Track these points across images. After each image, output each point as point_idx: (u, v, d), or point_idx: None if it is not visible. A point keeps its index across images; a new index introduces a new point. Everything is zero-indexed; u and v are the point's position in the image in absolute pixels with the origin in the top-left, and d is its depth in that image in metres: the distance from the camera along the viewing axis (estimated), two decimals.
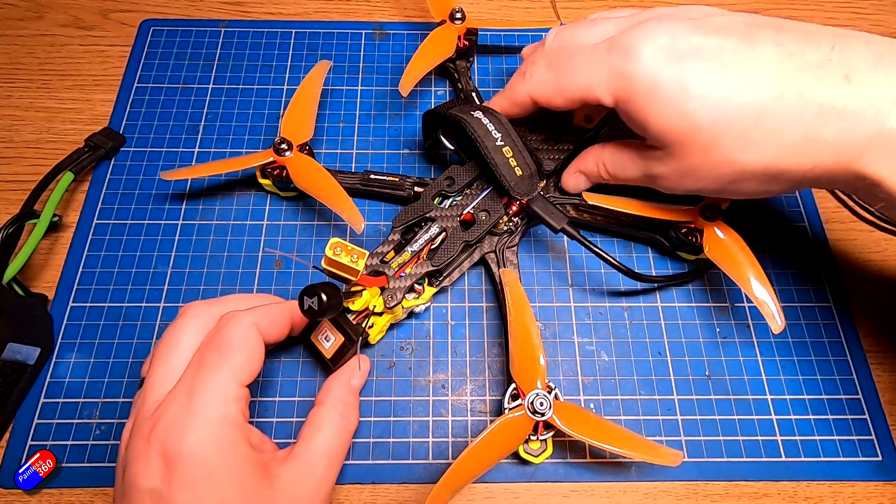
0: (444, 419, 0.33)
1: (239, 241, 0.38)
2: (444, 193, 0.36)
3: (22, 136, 0.42)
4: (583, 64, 0.30)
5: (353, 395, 0.31)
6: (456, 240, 0.34)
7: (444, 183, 0.36)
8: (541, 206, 0.34)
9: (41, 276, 0.37)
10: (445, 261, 0.33)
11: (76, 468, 0.32)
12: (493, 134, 0.34)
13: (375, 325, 0.33)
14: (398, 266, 0.33)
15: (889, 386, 0.35)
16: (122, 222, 0.38)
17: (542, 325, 0.36)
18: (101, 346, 0.35)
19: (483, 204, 0.35)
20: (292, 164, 0.37)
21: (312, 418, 0.29)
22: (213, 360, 0.26)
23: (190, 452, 0.24)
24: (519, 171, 0.34)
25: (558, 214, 0.34)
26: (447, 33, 0.42)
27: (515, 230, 0.36)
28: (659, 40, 0.28)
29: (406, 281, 0.33)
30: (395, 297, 0.32)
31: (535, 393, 0.30)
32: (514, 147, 0.34)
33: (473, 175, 0.36)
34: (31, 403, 0.33)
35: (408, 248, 0.34)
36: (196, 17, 0.47)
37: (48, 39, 0.46)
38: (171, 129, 0.42)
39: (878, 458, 0.33)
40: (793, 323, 0.36)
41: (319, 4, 0.49)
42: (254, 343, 0.27)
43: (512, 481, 0.32)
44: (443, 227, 0.34)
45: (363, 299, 0.31)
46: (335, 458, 0.28)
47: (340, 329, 0.31)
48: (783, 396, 0.34)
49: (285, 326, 0.29)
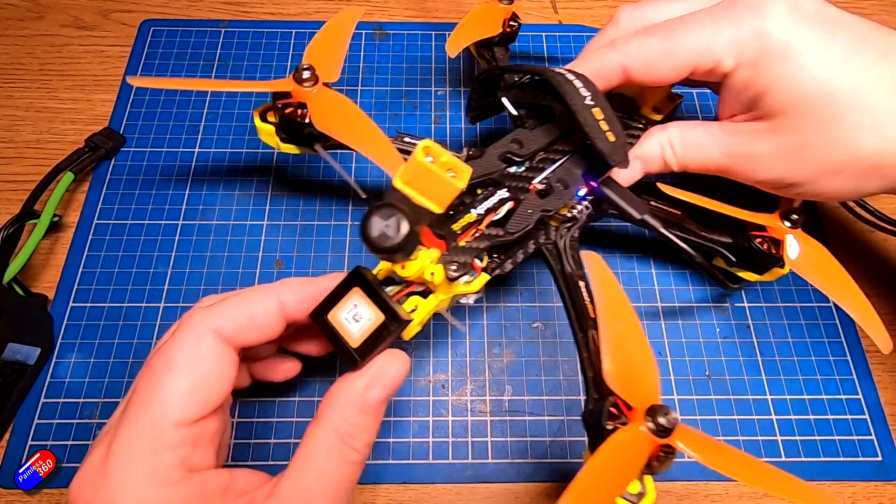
0: (444, 419, 0.33)
1: (239, 241, 0.38)
2: (510, 157, 0.30)
3: (22, 136, 0.42)
4: (697, 24, 0.28)
5: (366, 413, 0.22)
6: (532, 207, 0.29)
7: (511, 145, 0.30)
8: (617, 190, 0.29)
9: (41, 276, 0.37)
10: (520, 229, 0.28)
11: (76, 468, 0.31)
12: (580, 91, 0.28)
13: (419, 309, 0.24)
14: (461, 229, 0.27)
15: (889, 386, 0.35)
16: (122, 222, 0.38)
17: (542, 325, 0.36)
18: (101, 346, 0.35)
19: (560, 174, 0.30)
20: (315, 100, 0.30)
21: (305, 441, 0.22)
22: (143, 393, 0.20)
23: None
24: (611, 136, 0.28)
25: (638, 202, 0.29)
26: (494, 11, 0.37)
27: (579, 218, 0.31)
28: (791, 1, 0.26)
29: (474, 246, 0.26)
30: (462, 266, 0.25)
31: (656, 406, 0.22)
32: (604, 109, 0.29)
33: (546, 141, 0.31)
34: (31, 403, 0.33)
35: (472, 210, 0.28)
36: (196, 17, 0.47)
37: (48, 39, 0.46)
38: (171, 129, 0.42)
39: (878, 459, 0.33)
40: (793, 323, 0.36)
41: (319, 4, 0.49)
42: (206, 359, 0.21)
43: (512, 481, 0.32)
44: (513, 194, 0.29)
45: (417, 263, 0.23)
46: (334, 495, 0.21)
47: (380, 303, 0.22)
48: (783, 396, 0.34)
49: (272, 322, 0.23)
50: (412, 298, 0.24)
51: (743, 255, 0.31)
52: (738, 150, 0.28)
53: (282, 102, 0.30)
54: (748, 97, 0.28)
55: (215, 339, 0.21)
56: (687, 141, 0.30)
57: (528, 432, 0.33)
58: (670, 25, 0.28)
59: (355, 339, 0.22)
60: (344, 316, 0.22)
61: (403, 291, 0.24)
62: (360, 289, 0.22)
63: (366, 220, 0.19)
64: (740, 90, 0.28)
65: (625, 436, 0.22)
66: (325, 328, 0.22)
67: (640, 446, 0.22)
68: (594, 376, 0.26)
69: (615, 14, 0.32)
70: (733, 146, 0.28)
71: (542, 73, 0.29)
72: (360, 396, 0.22)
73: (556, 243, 0.31)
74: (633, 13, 0.31)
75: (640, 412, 0.22)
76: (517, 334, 0.36)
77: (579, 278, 0.29)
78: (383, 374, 0.22)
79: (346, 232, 0.38)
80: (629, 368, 0.23)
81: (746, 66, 0.27)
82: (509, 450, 0.32)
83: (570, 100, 0.28)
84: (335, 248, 0.38)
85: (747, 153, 0.28)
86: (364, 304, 0.22)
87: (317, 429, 0.22)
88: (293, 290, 0.23)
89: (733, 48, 0.27)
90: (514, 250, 0.30)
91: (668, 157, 0.30)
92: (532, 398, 0.34)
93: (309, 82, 0.30)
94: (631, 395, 0.23)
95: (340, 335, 0.22)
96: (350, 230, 0.38)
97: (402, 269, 0.23)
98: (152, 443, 0.19)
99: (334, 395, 0.22)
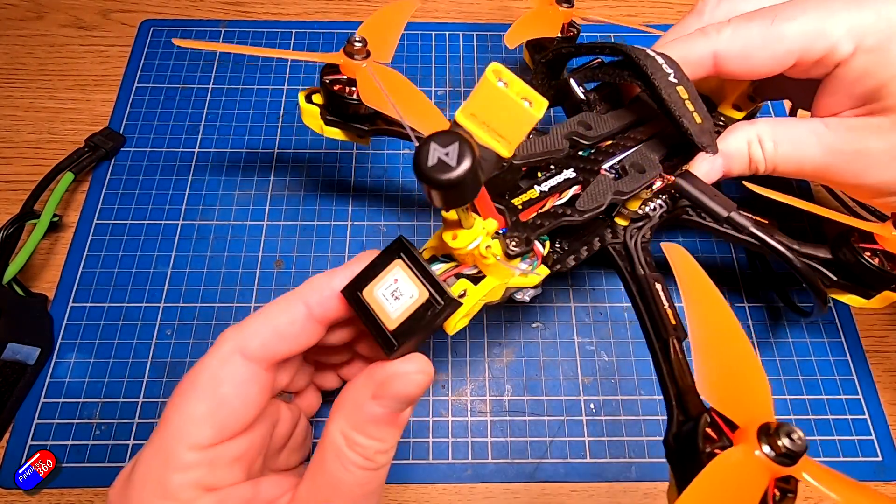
0: (445, 419, 0.33)
1: (239, 241, 0.38)
2: (576, 139, 0.27)
3: (22, 136, 0.42)
4: (807, 7, 0.25)
5: (377, 425, 0.20)
6: (605, 186, 0.25)
7: (578, 126, 0.27)
8: (699, 185, 0.26)
9: (41, 276, 0.37)
10: (591, 209, 0.24)
11: (76, 468, 0.32)
12: (664, 68, 0.26)
13: (468, 295, 0.21)
14: (522, 205, 0.24)
15: (889, 386, 0.35)
16: (122, 222, 0.38)
17: (543, 325, 0.36)
18: (101, 346, 0.35)
19: (635, 158, 0.27)
20: (365, 74, 0.28)
21: (320, 444, 0.21)
22: (166, 413, 0.20)
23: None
24: (698, 119, 0.25)
25: (724, 198, 0.26)
26: (553, 13, 0.35)
27: (652, 217, 0.27)
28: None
29: (538, 223, 0.23)
30: (522, 242, 0.22)
31: (772, 424, 0.17)
32: (689, 90, 0.26)
33: (617, 126, 0.28)
34: (31, 403, 0.33)
35: (536, 186, 0.25)
36: (196, 17, 0.47)
37: (48, 39, 0.46)
38: (171, 129, 0.42)
39: (878, 459, 0.33)
40: (793, 323, 0.36)
41: (319, 4, 0.49)
42: (227, 384, 0.20)
43: (512, 481, 0.32)
44: (580, 176, 0.26)
45: (472, 233, 0.20)
46: (352, 502, 0.20)
47: (426, 278, 0.19)
48: (783, 396, 0.34)
49: (302, 329, 0.21)
50: (461, 281, 0.21)
51: (847, 274, 0.27)
52: (847, 147, 0.25)
53: (329, 78, 0.29)
54: (866, 88, 0.25)
55: (241, 360, 0.20)
56: (781, 137, 0.26)
57: (528, 432, 0.33)
58: (773, 10, 0.26)
59: (393, 319, 0.19)
60: (381, 292, 0.19)
61: (452, 271, 0.21)
62: (402, 261, 0.19)
63: (421, 147, 0.16)
64: (856, 80, 0.25)
65: (732, 460, 0.17)
66: (359, 306, 0.20)
67: (754, 476, 0.16)
68: (679, 393, 0.22)
69: (698, 5, 0.30)
70: (842, 142, 0.25)
71: (621, 48, 0.27)
72: (366, 406, 0.20)
73: (626, 243, 0.27)
74: (719, 2, 0.29)
75: (749, 432, 0.17)
76: (517, 334, 0.36)
77: (655, 280, 0.26)
78: (393, 384, 0.19)
79: (346, 232, 0.38)
80: (731, 379, 0.19)
81: (867, 51, 0.24)
82: (509, 450, 0.32)
83: (652, 74, 0.25)
84: (335, 248, 0.38)
85: (859, 150, 0.25)
86: (406, 279, 0.19)
87: (328, 434, 0.20)
88: (317, 289, 0.21)
89: (852, 31, 0.24)
90: (578, 244, 0.27)
91: (756, 154, 0.27)
92: (532, 398, 0.34)
93: (360, 55, 0.29)
94: (735, 411, 0.18)
95: (376, 314, 0.19)
96: (350, 230, 0.38)
97: (453, 240, 0.20)
98: (165, 464, 0.19)
99: (343, 398, 0.20)
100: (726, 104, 0.31)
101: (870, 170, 0.26)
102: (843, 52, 0.25)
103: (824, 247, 0.28)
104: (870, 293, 0.28)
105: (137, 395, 0.33)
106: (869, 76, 0.25)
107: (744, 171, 0.28)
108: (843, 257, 0.27)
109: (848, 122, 0.26)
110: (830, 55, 0.25)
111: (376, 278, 0.19)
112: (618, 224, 0.28)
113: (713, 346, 0.19)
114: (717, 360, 0.19)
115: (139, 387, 0.33)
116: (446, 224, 0.20)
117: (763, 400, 0.18)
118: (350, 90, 0.29)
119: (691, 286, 0.21)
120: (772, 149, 0.27)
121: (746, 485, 0.16)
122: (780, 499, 0.17)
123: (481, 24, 0.48)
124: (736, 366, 0.19)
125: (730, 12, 0.28)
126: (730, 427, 0.18)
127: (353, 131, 0.31)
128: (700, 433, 0.18)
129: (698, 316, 0.20)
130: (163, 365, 0.34)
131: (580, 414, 0.33)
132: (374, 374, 0.20)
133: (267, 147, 0.41)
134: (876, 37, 0.24)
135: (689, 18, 0.30)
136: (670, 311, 0.25)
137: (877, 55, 0.24)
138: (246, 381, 0.20)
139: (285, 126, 0.42)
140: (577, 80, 0.30)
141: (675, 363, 0.23)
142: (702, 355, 0.19)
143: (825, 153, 0.26)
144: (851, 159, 0.26)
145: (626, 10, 0.49)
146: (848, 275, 0.28)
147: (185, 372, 0.21)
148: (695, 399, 0.21)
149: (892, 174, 0.25)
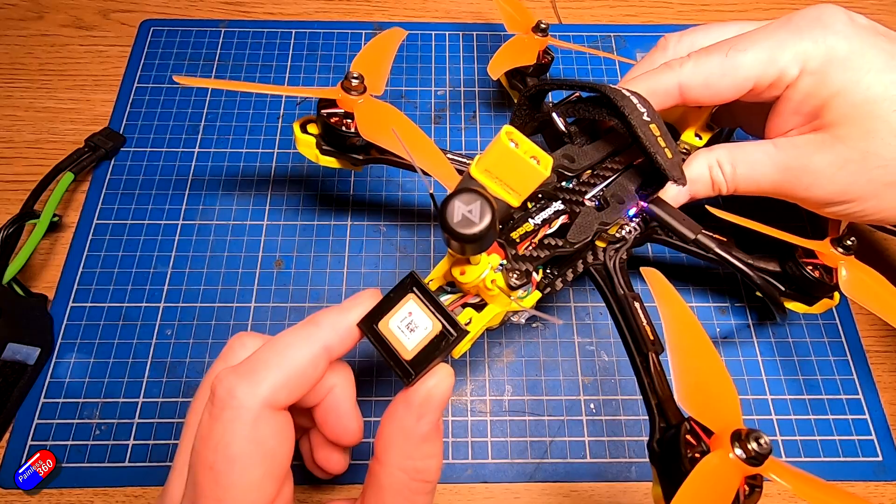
0: (445, 419, 0.33)
1: (239, 241, 0.38)
2: (561, 171, 0.30)
3: (22, 136, 0.42)
4: (758, 39, 0.28)
5: (427, 441, 0.20)
6: (591, 218, 0.28)
7: (562, 159, 0.30)
8: (668, 210, 0.29)
9: (41, 276, 0.37)
10: (581, 240, 0.27)
11: (76, 468, 0.32)
12: (638, 108, 0.28)
13: (473, 321, 0.23)
14: (519, 238, 0.26)
15: (889, 386, 0.35)
16: (122, 222, 0.38)
17: (543, 325, 0.36)
18: (101, 346, 0.35)
19: (615, 189, 0.30)
20: (362, 109, 0.30)
21: (372, 486, 0.21)
22: (212, 496, 0.19)
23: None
24: (669, 154, 0.28)
25: (691, 221, 0.29)
26: (529, 42, 0.38)
27: (628, 239, 0.30)
28: (848, 14, 0.27)
29: (535, 255, 0.25)
30: (523, 275, 0.24)
31: (742, 431, 0.20)
32: (660, 126, 0.29)
33: (597, 157, 0.31)
34: (31, 403, 0.33)
35: (529, 219, 0.27)
36: (196, 17, 0.47)
37: (48, 39, 0.46)
38: (171, 129, 0.42)
39: (878, 459, 0.33)
40: (793, 323, 0.36)
41: (319, 4, 0.49)
42: (271, 440, 0.19)
43: (512, 481, 0.32)
44: (567, 207, 0.28)
45: (479, 268, 0.22)
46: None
47: (437, 311, 0.21)
48: (783, 396, 0.34)
49: (320, 370, 0.21)
50: (467, 310, 0.23)
51: (792, 285, 0.30)
52: (795, 164, 0.28)
53: (327, 112, 0.30)
54: (811, 107, 0.28)
55: (271, 413, 0.19)
56: (738, 159, 0.29)
57: (528, 432, 0.33)
58: (728, 43, 0.29)
59: (409, 350, 0.20)
60: (397, 325, 0.21)
61: (458, 302, 0.23)
62: (415, 295, 0.21)
63: (446, 204, 0.17)
64: (802, 100, 0.28)
65: (711, 465, 0.19)
66: (376, 338, 0.21)
67: (729, 477, 0.19)
68: (659, 402, 0.24)
69: (660, 42, 0.33)
70: (790, 159, 0.28)
71: (598, 88, 0.29)
72: (417, 430, 0.20)
73: (606, 264, 0.29)
74: (681, 38, 0.32)
75: (722, 438, 0.20)
76: (517, 334, 0.36)
77: (633, 299, 0.28)
78: (432, 399, 0.20)
79: (346, 232, 0.38)
80: (705, 389, 0.21)
81: (811, 73, 0.27)
82: (509, 450, 0.32)
83: (629, 114, 0.28)
84: (335, 248, 0.38)
85: (805, 165, 0.27)
86: (420, 312, 0.21)
87: (382, 473, 0.20)
88: (334, 328, 0.21)
89: (797, 56, 0.27)
90: (566, 268, 0.29)
91: (717, 177, 0.29)
92: (532, 398, 0.34)
93: (357, 90, 0.30)
94: (710, 418, 0.21)
95: (392, 346, 0.21)
96: (350, 230, 0.38)
97: (461, 275, 0.22)
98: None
99: (391, 436, 0.21)
100: (689, 132, 0.34)
101: (818, 183, 0.28)
102: (790, 74, 0.27)
103: (774, 260, 0.32)
104: (812, 301, 0.31)
105: (137, 395, 0.33)
106: (812, 96, 0.27)
107: (708, 193, 0.30)
108: (789, 270, 0.31)
109: (794, 140, 0.28)
110: (781, 79, 0.28)
111: (391, 311, 0.21)
112: (598, 246, 0.30)
113: (688, 362, 0.22)
114: (692, 374, 0.22)
115: (139, 387, 0.33)
116: (455, 261, 0.22)
117: (733, 408, 0.21)
118: (347, 123, 0.30)
119: (667, 307, 0.24)
120: (730, 171, 0.29)
121: (724, 484, 0.19)
122: (749, 493, 0.20)
123: (481, 25, 0.48)
124: (709, 379, 0.22)
125: (691, 46, 0.31)
126: (706, 433, 0.21)
127: (347, 160, 0.33)
128: (682, 440, 0.21)
129: (674, 334, 0.23)
130: (163, 365, 0.34)
131: (580, 414, 0.33)
132: (411, 400, 0.20)
133: (267, 147, 0.41)
134: (817, 60, 0.27)
135: (654, 54, 0.32)
136: (648, 328, 0.27)
137: (817, 77, 0.27)
138: (283, 430, 0.20)
139: (285, 126, 0.42)
140: (559, 114, 0.32)
141: (655, 375, 0.25)
142: (679, 370, 0.22)
143: (776, 171, 0.28)
144: (800, 174, 0.28)
145: (626, 10, 0.49)
146: (793, 285, 0.31)
147: (184, 372, 0.20)
148: (673, 407, 0.23)
149: (835, 186, 0.27)
